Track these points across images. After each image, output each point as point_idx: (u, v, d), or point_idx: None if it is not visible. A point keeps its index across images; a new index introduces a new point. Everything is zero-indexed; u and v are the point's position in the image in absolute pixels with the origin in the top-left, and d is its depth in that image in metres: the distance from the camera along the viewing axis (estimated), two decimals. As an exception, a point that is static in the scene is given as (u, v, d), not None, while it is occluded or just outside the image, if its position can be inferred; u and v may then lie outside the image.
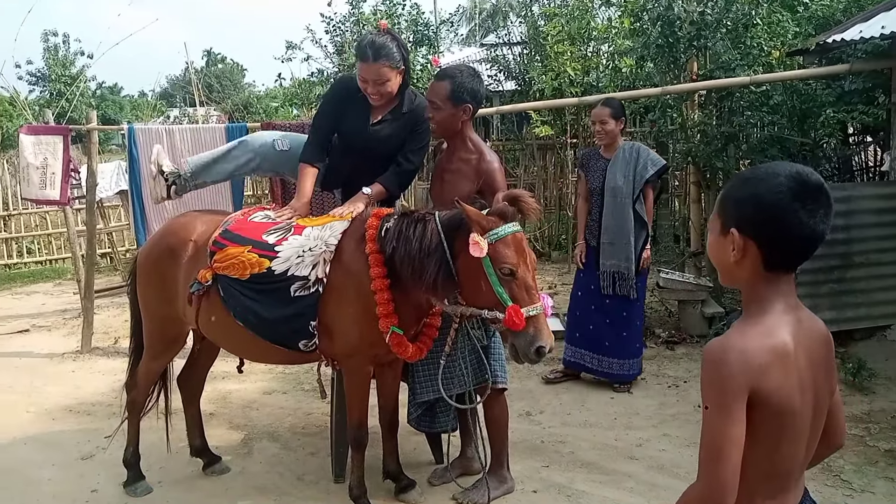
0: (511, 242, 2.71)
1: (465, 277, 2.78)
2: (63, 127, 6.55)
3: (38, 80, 30.29)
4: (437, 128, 3.40)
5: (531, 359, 2.68)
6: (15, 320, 7.46)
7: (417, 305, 3.01)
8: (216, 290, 3.13)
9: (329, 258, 2.99)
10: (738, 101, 5.95)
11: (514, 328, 2.63)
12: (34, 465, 3.98)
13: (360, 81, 3.27)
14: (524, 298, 2.67)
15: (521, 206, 2.75)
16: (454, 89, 3.25)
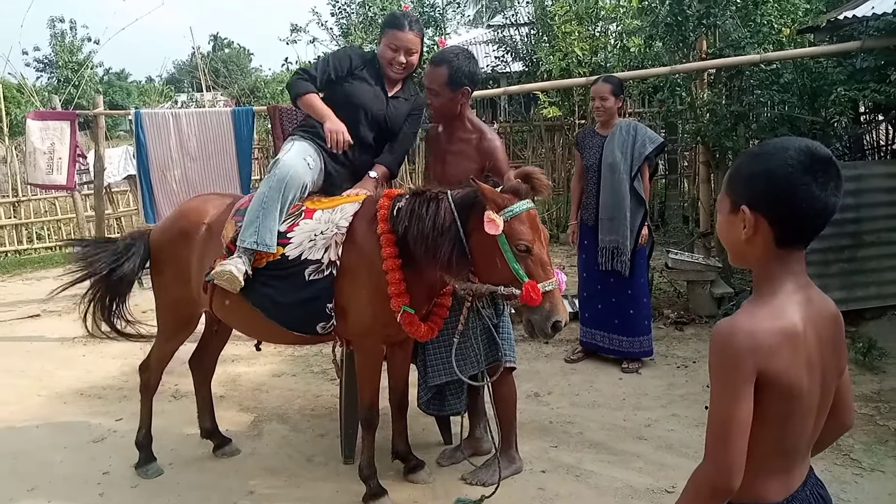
0: (526, 219, 2.72)
1: (479, 255, 2.78)
2: (70, 112, 6.56)
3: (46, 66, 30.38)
4: (437, 113, 3.39)
5: (547, 334, 2.70)
6: (26, 305, 7.50)
7: (429, 285, 3.02)
8: None
9: (341, 240, 3.00)
10: (748, 79, 5.88)
11: (531, 303, 2.65)
12: (46, 447, 4.01)
13: (389, 50, 3.32)
14: (540, 274, 2.68)
15: (534, 183, 2.77)
16: (451, 74, 3.23)
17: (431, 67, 3.30)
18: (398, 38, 3.30)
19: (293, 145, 3.31)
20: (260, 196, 3.12)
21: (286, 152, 3.26)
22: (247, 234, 3.08)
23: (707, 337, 5.34)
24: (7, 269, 9.71)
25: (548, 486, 3.37)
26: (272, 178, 3.14)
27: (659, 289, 6.39)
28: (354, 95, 3.32)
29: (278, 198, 3.09)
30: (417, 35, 3.34)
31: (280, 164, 3.16)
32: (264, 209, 3.08)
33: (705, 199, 6.28)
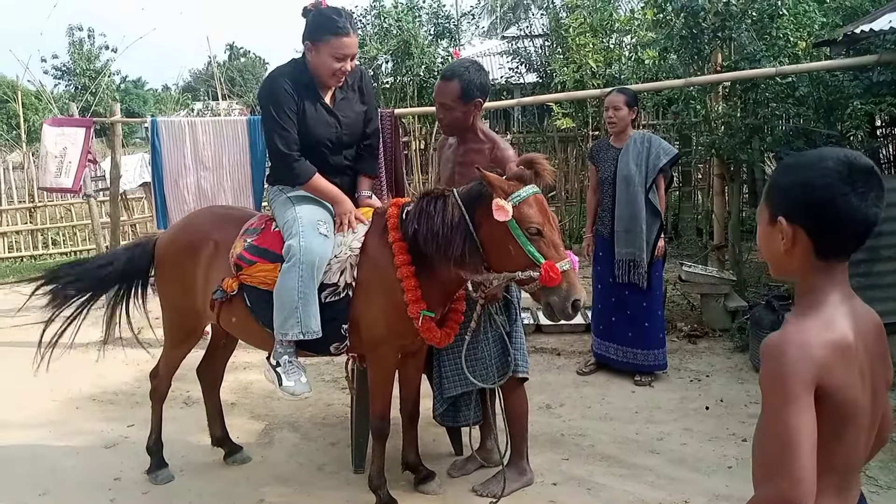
0: (534, 203, 2.75)
1: (492, 246, 2.80)
2: (87, 119, 6.62)
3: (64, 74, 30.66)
4: (450, 127, 3.36)
5: (568, 314, 2.70)
6: (40, 311, 7.54)
7: (444, 287, 3.02)
8: (241, 297, 3.15)
9: (355, 262, 3.01)
10: (763, 92, 5.85)
11: (550, 284, 2.65)
12: (59, 452, 4.03)
13: (335, 61, 3.06)
14: (554, 255, 2.70)
15: (537, 168, 2.80)
16: (464, 87, 3.20)
17: (443, 82, 3.25)
18: (345, 46, 3.06)
19: (298, 216, 3.06)
20: (292, 288, 2.93)
21: (298, 230, 3.00)
22: (288, 327, 2.96)
23: (721, 350, 5.32)
24: (22, 273, 9.78)
25: (559, 498, 3.35)
26: (301, 268, 2.93)
27: (672, 302, 6.35)
28: (308, 134, 3.15)
29: (313, 285, 2.96)
30: (357, 35, 3.16)
31: (304, 252, 2.94)
32: (303, 299, 2.93)
33: (719, 211, 6.25)
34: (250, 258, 3.11)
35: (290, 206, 3.15)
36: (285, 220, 3.11)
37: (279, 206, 3.21)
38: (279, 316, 2.99)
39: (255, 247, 3.13)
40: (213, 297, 3.20)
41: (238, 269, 3.13)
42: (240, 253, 3.14)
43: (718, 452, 3.72)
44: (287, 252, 2.99)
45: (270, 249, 3.09)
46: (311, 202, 3.17)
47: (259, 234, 3.19)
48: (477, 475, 3.56)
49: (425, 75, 9.92)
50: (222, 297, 3.16)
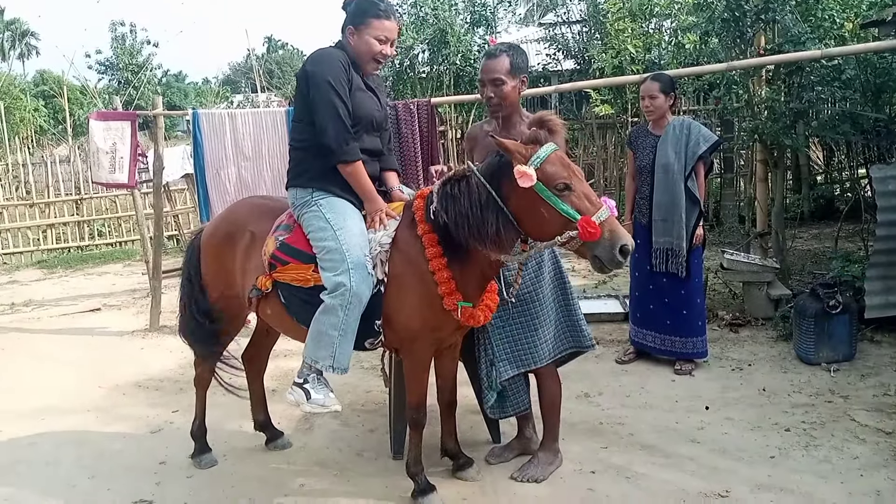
0: (555, 160, 2.70)
1: (525, 215, 2.75)
2: (130, 112, 6.75)
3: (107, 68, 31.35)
4: (499, 105, 3.35)
5: (618, 262, 2.64)
6: (87, 300, 7.76)
7: (480, 274, 2.98)
8: (275, 294, 3.16)
9: (386, 258, 2.98)
10: (808, 75, 5.71)
11: (591, 238, 2.60)
12: (106, 436, 4.14)
13: (377, 43, 3.06)
14: (588, 207, 2.65)
15: (549, 126, 2.76)
16: (512, 62, 3.28)
17: (491, 60, 3.30)
18: (387, 29, 3.07)
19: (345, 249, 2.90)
20: (334, 325, 2.87)
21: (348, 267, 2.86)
22: (321, 356, 2.93)
23: (763, 339, 5.23)
24: (70, 264, 10.06)
25: (598, 487, 3.33)
26: (348, 309, 2.86)
27: (714, 290, 6.26)
28: (361, 109, 3.09)
29: (355, 324, 2.90)
30: (397, 21, 3.16)
31: (353, 294, 2.84)
32: (342, 337, 2.89)
33: (762, 198, 6.12)
34: (284, 258, 3.07)
35: (328, 227, 2.97)
36: (326, 246, 2.94)
37: (311, 220, 3.04)
38: (312, 344, 2.95)
39: (287, 245, 3.09)
40: (249, 295, 3.23)
41: (272, 267, 3.12)
42: (272, 252, 3.11)
43: (761, 442, 3.66)
44: (334, 288, 2.87)
45: (304, 250, 3.05)
46: (351, 222, 2.99)
47: (291, 231, 3.13)
48: (515, 463, 3.56)
49: (461, 64, 9.90)
50: (258, 294, 3.18)
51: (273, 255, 3.11)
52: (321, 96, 2.97)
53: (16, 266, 10.21)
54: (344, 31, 3.15)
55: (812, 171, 9.71)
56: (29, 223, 10.74)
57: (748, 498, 3.17)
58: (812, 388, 4.34)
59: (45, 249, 10.73)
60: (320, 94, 2.97)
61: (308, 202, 3.07)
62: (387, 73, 10.63)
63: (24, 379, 5.24)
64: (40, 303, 7.78)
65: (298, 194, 3.11)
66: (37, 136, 19.53)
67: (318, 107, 2.99)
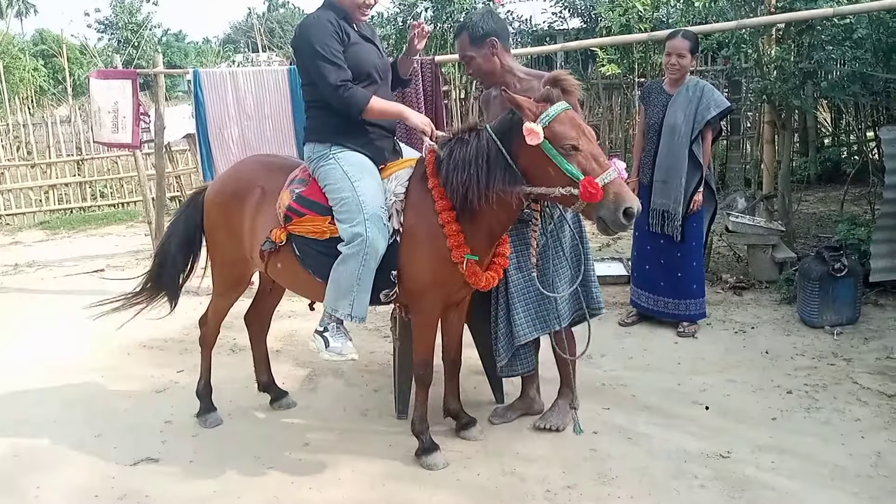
0: (565, 119, 2.70)
1: (533, 172, 2.78)
2: (131, 71, 6.67)
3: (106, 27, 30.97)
4: (480, 77, 3.41)
5: (622, 224, 2.65)
6: (90, 261, 7.76)
7: (488, 230, 3.00)
8: (289, 247, 3.16)
9: (401, 207, 3.01)
10: (819, 35, 5.60)
11: (593, 199, 2.61)
12: (112, 396, 4.18)
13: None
14: (595, 169, 2.65)
15: (563, 85, 2.75)
16: (470, 34, 3.27)
17: (456, 41, 3.36)
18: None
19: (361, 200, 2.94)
20: (352, 274, 2.93)
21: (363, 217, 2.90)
22: (340, 305, 2.99)
23: (767, 302, 5.23)
24: (72, 225, 10.04)
25: (600, 447, 3.36)
26: (364, 258, 2.92)
27: (718, 252, 6.24)
28: (361, 61, 3.08)
29: (372, 273, 2.96)
30: None
31: (370, 244, 2.90)
32: (360, 286, 2.95)
33: (769, 160, 6.06)
34: (301, 210, 3.09)
35: (345, 179, 3.00)
36: (343, 197, 2.98)
37: (328, 172, 3.06)
38: (332, 294, 3.01)
39: (304, 198, 3.11)
40: (261, 248, 3.22)
41: (287, 220, 3.13)
42: (288, 204, 3.12)
43: (763, 404, 3.68)
44: (351, 239, 2.92)
45: (320, 202, 3.08)
46: (367, 175, 3.04)
47: (307, 184, 3.16)
48: (517, 423, 3.59)
49: (466, 22, 9.73)
50: (271, 247, 3.18)
51: (289, 207, 3.12)
52: (313, 66, 3.01)
53: (18, 227, 10.20)
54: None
55: (819, 134, 9.61)
56: (31, 184, 10.70)
57: (749, 458, 3.20)
58: (815, 350, 4.35)
59: (48, 210, 10.70)
60: (311, 64, 3.01)
61: (325, 155, 3.10)
62: (389, 31, 10.47)
63: (30, 338, 5.27)
64: (43, 264, 7.78)
65: (315, 149, 3.14)
66: (37, 97, 19.38)
67: (312, 76, 3.04)
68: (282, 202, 3.16)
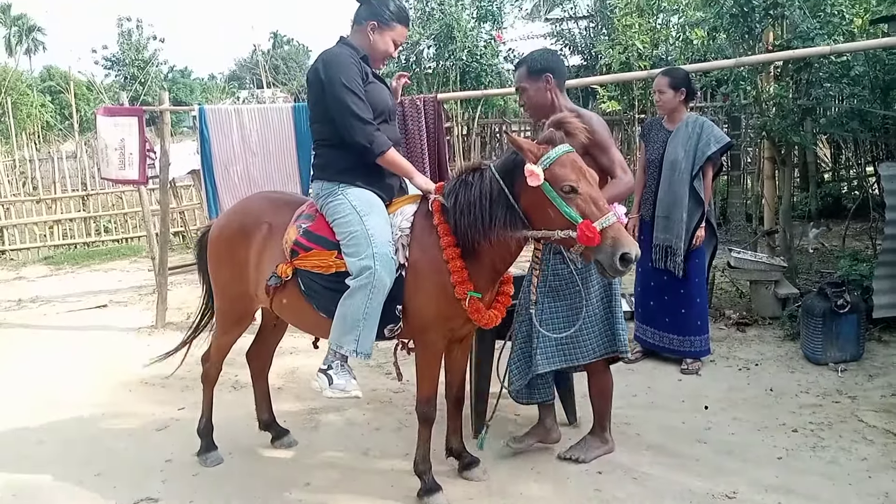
0: (566, 162, 2.73)
1: (533, 213, 2.81)
2: (137, 108, 6.75)
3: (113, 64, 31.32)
4: (534, 109, 3.49)
5: (618, 269, 2.66)
6: (94, 296, 7.78)
7: (491, 268, 3.02)
8: (294, 282, 3.17)
9: (406, 242, 3.04)
10: (817, 72, 5.67)
11: (591, 243, 2.63)
12: (112, 434, 4.15)
13: (393, 45, 3.22)
14: (594, 212, 2.67)
15: (567, 128, 2.79)
16: (529, 67, 3.39)
17: (516, 72, 3.49)
18: (404, 35, 3.25)
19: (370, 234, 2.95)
20: (359, 308, 2.93)
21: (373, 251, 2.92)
22: (345, 341, 2.98)
23: (770, 339, 5.20)
24: (76, 260, 10.09)
25: (604, 487, 3.32)
26: (372, 292, 2.92)
27: (720, 288, 6.23)
28: (378, 100, 3.14)
29: (379, 308, 2.95)
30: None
31: (378, 278, 2.90)
32: (366, 321, 2.94)
33: (770, 195, 6.09)
34: (307, 244, 3.11)
35: (353, 213, 3.02)
36: (351, 231, 2.99)
37: (337, 207, 3.07)
38: (338, 329, 3.01)
39: (310, 232, 3.13)
40: (267, 283, 3.23)
41: (294, 254, 3.14)
42: (296, 239, 3.14)
43: (768, 443, 3.64)
44: (359, 272, 2.93)
45: (327, 237, 3.10)
46: (376, 210, 3.05)
47: (314, 219, 3.18)
48: (521, 463, 3.57)
49: (468, 59, 9.88)
50: (277, 282, 3.19)
51: (296, 242, 3.14)
52: (338, 99, 3.01)
53: (22, 262, 10.24)
54: (361, 23, 3.18)
55: (819, 169, 9.66)
56: (36, 219, 10.77)
57: (755, 499, 3.15)
58: (819, 388, 4.32)
59: (52, 245, 10.76)
60: (337, 98, 3.01)
61: (333, 192, 3.12)
62: (393, 69, 10.60)
63: (31, 375, 5.25)
64: (47, 299, 7.80)
65: (324, 186, 3.16)
66: (43, 132, 19.58)
67: (337, 110, 3.03)
68: (289, 237, 3.18)
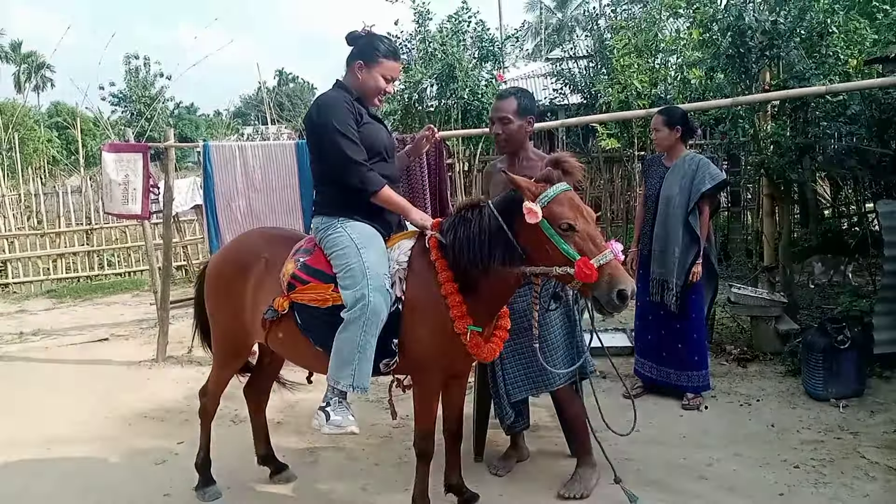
0: (563, 200, 2.77)
1: (531, 250, 2.84)
2: (142, 144, 6.84)
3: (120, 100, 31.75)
4: (506, 142, 3.61)
5: (616, 305, 2.69)
6: (96, 329, 7.79)
7: (490, 301, 3.04)
8: (291, 316, 3.18)
9: (404, 276, 3.05)
10: (814, 111, 5.76)
11: (588, 280, 2.66)
12: (111, 468, 4.14)
13: (384, 81, 3.24)
14: (591, 250, 2.70)
15: (564, 167, 2.83)
16: (519, 103, 3.55)
17: (501, 100, 3.62)
18: (394, 69, 3.27)
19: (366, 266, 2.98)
20: (354, 341, 2.94)
21: (367, 283, 2.93)
22: (342, 375, 2.99)
23: (771, 374, 5.19)
24: (79, 293, 10.11)
25: (604, 523, 3.30)
26: (366, 324, 2.93)
27: (721, 324, 6.23)
28: (373, 139, 3.19)
29: (374, 341, 2.96)
30: (401, 62, 3.38)
31: (372, 310, 2.91)
32: (361, 354, 2.95)
33: (769, 232, 6.13)
34: (305, 277, 3.13)
35: (351, 245, 3.06)
36: (348, 263, 3.02)
37: (336, 239, 3.11)
38: (334, 364, 3.01)
39: (308, 266, 3.15)
40: (263, 317, 3.24)
41: (291, 287, 3.15)
42: (293, 272, 3.16)
43: (769, 479, 3.62)
44: (353, 304, 2.94)
45: (324, 270, 3.12)
46: (373, 244, 3.09)
47: (311, 253, 3.21)
48: (520, 499, 3.54)
49: (469, 98, 10.02)
50: (273, 316, 3.20)
51: (293, 276, 3.15)
52: (331, 143, 3.08)
53: (25, 295, 10.27)
54: (350, 64, 3.25)
55: (819, 206, 9.71)
56: (40, 252, 10.82)
57: (757, 536, 3.14)
58: (821, 424, 4.31)
59: (55, 279, 10.79)
60: (330, 141, 3.08)
61: (333, 225, 3.16)
62: (395, 107, 10.76)
63: (31, 408, 5.24)
64: (49, 332, 7.81)
65: (324, 220, 3.21)
66: (49, 167, 19.76)
67: (329, 154, 3.11)
68: (286, 271, 3.20)
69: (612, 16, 11.89)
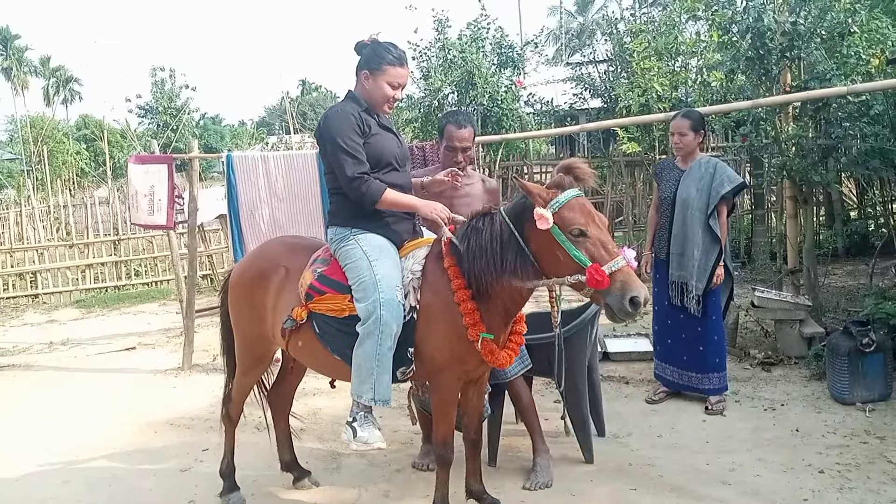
0: (574, 206, 2.78)
1: (542, 256, 2.84)
2: (167, 156, 6.95)
3: (147, 112, 32.18)
4: (464, 159, 3.82)
5: (628, 312, 2.68)
6: (123, 338, 7.91)
7: (504, 309, 3.05)
8: (309, 325, 3.22)
9: (418, 285, 3.08)
10: (836, 112, 5.69)
11: (599, 287, 2.66)
12: (137, 475, 4.20)
13: (390, 88, 3.23)
14: (603, 256, 2.70)
15: (576, 173, 2.83)
16: (474, 129, 3.88)
17: (463, 130, 3.77)
18: (400, 75, 3.24)
19: (378, 278, 3.01)
20: (371, 355, 2.98)
21: (379, 296, 2.96)
22: (363, 390, 3.02)
23: (796, 378, 5.14)
24: (107, 303, 10.27)
25: (625, 529, 3.29)
26: (381, 337, 2.96)
27: (745, 328, 6.17)
28: (382, 149, 3.21)
29: (391, 353, 2.99)
30: (408, 68, 3.33)
31: (385, 322, 2.95)
32: (379, 367, 2.98)
33: (793, 234, 6.06)
34: (321, 288, 3.17)
35: (363, 258, 3.08)
36: (361, 276, 3.05)
37: (349, 252, 3.14)
38: (356, 379, 3.05)
39: (325, 277, 3.19)
40: (283, 326, 3.29)
41: (309, 298, 3.20)
42: (310, 283, 3.20)
43: (794, 484, 3.58)
44: (366, 317, 2.98)
45: (340, 281, 3.15)
46: (385, 256, 3.12)
47: (328, 264, 3.24)
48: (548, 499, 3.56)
49: (489, 105, 10.04)
50: (292, 325, 3.24)
51: (311, 286, 3.20)
52: (334, 158, 3.15)
53: (55, 305, 10.45)
54: (358, 74, 3.29)
55: (845, 207, 9.59)
56: (69, 263, 11.02)
57: (780, 542, 3.11)
58: (847, 428, 4.25)
59: (84, 289, 10.97)
60: (333, 156, 3.15)
61: (346, 237, 3.19)
62: (415, 115, 10.81)
63: (60, 416, 5.35)
64: (77, 342, 7.95)
65: (338, 231, 3.25)
66: (78, 179, 20.12)
67: (332, 166, 3.18)
68: (304, 281, 3.25)
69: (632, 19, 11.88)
